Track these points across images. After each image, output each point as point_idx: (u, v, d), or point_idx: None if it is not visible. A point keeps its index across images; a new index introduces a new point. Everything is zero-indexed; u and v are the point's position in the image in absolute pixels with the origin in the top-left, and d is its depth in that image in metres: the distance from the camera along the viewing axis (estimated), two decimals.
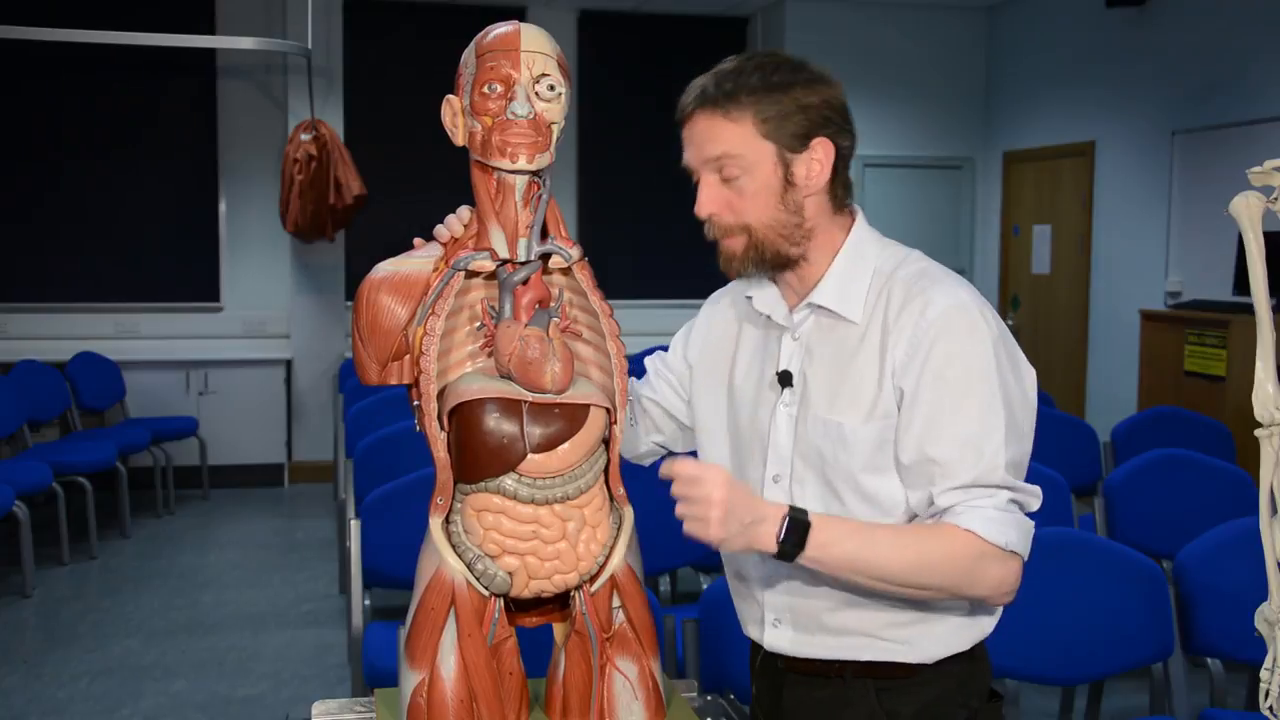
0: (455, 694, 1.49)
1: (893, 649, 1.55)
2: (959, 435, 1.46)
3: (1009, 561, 1.45)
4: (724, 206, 1.55)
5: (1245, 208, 1.33)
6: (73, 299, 7.46)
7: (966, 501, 1.45)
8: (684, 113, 1.56)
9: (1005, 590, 1.48)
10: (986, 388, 1.46)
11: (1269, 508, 1.34)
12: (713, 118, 1.52)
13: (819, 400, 1.55)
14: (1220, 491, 3.67)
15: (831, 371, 1.55)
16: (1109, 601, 2.66)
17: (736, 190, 1.53)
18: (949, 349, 1.47)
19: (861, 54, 7.98)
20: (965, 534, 1.43)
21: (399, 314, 1.51)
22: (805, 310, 1.59)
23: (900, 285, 1.54)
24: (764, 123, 1.50)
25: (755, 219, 1.54)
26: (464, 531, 1.50)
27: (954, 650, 1.56)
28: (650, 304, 7.98)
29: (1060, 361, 7.42)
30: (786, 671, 1.63)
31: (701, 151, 1.54)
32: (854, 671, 1.58)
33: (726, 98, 1.51)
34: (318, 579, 5.51)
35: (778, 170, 1.52)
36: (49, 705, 4.02)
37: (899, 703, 1.57)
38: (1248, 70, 6.00)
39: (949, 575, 1.45)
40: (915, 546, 1.45)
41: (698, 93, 1.54)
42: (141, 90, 7.55)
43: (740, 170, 1.52)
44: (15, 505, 5.01)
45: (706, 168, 1.55)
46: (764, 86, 1.50)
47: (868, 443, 1.51)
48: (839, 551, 1.44)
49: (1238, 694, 3.19)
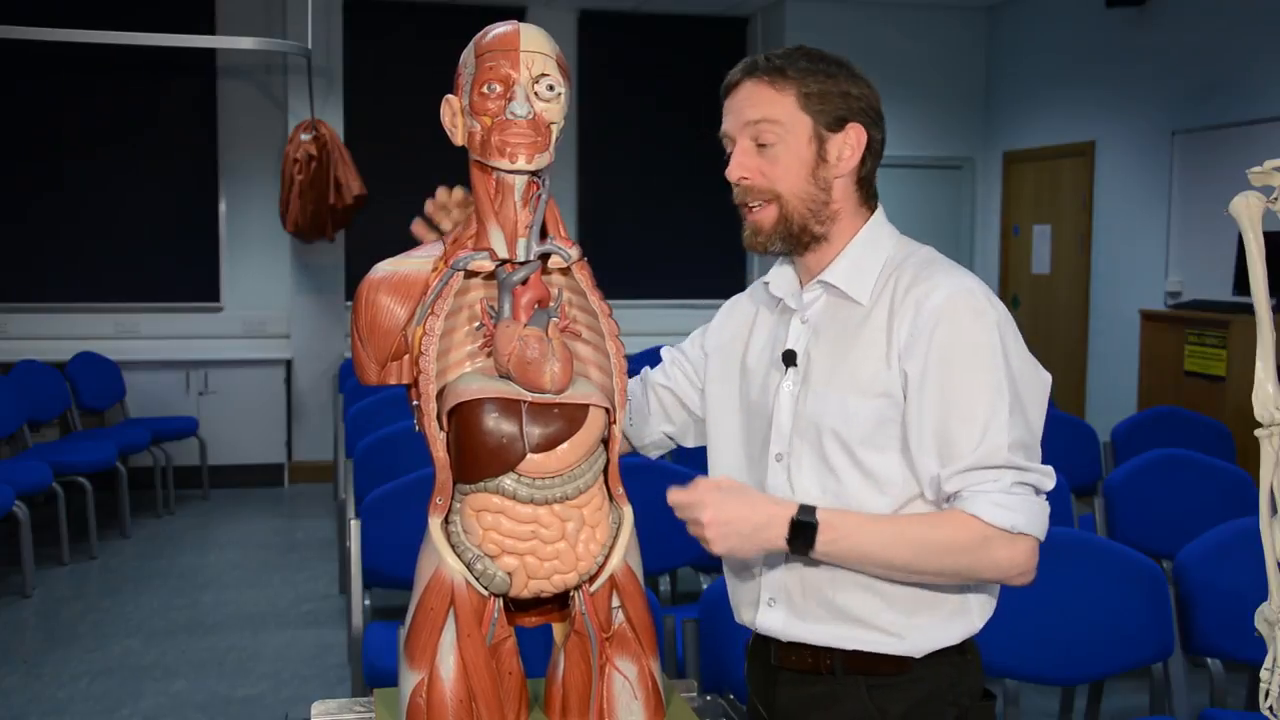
0: (454, 694, 1.49)
1: (882, 640, 1.56)
2: (962, 416, 1.47)
3: (1018, 543, 1.46)
4: (755, 172, 1.58)
5: (1245, 208, 1.33)
6: (73, 299, 7.46)
7: (972, 486, 1.46)
8: (730, 82, 1.61)
9: (1018, 571, 1.48)
10: (989, 370, 1.48)
11: (1269, 508, 1.34)
12: (758, 85, 1.57)
13: (820, 377, 1.58)
14: (1220, 491, 3.67)
15: (834, 350, 1.58)
16: (1109, 601, 2.66)
17: (770, 159, 1.57)
18: (952, 331, 1.49)
19: (861, 54, 7.81)
20: (970, 519, 1.45)
21: (398, 314, 1.51)
22: (816, 289, 1.62)
23: (908, 271, 1.57)
24: (806, 97, 1.56)
25: (786, 188, 1.57)
26: (463, 531, 1.50)
27: (943, 644, 1.57)
28: (650, 304, 7.98)
29: (1060, 361, 7.42)
30: (779, 669, 1.64)
31: (741, 115, 1.58)
32: (844, 668, 1.58)
33: (775, 70, 1.57)
34: (318, 579, 5.51)
35: (812, 144, 1.57)
36: (49, 705, 4.02)
37: (889, 700, 1.57)
38: (1248, 70, 6.00)
39: (956, 561, 1.47)
40: (920, 535, 1.47)
41: (746, 65, 1.60)
42: (141, 90, 7.55)
43: (776, 137, 1.56)
44: (15, 505, 5.01)
45: (744, 133, 1.58)
46: (812, 69, 1.57)
47: (866, 419, 1.53)
48: (847, 545, 1.48)
49: (1238, 694, 3.19)
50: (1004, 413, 1.47)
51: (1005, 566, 1.47)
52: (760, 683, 1.70)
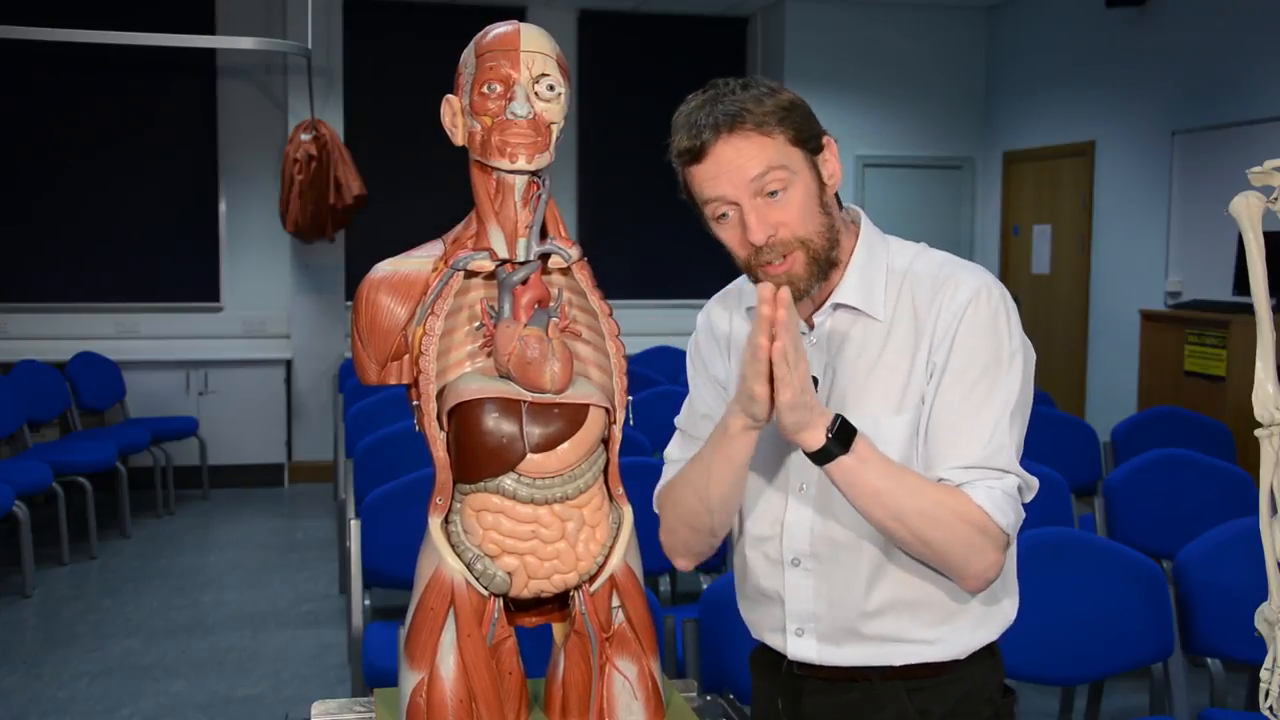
0: (455, 694, 1.49)
1: (923, 650, 1.54)
2: (974, 413, 1.47)
3: (1002, 551, 1.47)
4: (779, 225, 1.48)
5: (1245, 208, 1.33)
6: (73, 299, 7.46)
7: (974, 481, 1.46)
8: (703, 147, 1.47)
9: (990, 577, 1.48)
10: (1003, 373, 1.48)
11: (1269, 508, 1.34)
12: (747, 136, 1.46)
13: (844, 398, 1.54)
14: (1220, 491, 3.67)
15: (858, 369, 1.54)
16: (1109, 601, 2.66)
17: (783, 205, 1.48)
18: (972, 328, 1.48)
19: (861, 54, 7.98)
20: (975, 506, 1.44)
21: (398, 314, 1.51)
22: (828, 310, 1.57)
23: (925, 279, 1.54)
24: (789, 129, 1.48)
25: (806, 230, 1.49)
26: (463, 531, 1.50)
27: (984, 641, 1.56)
28: (650, 304, 7.98)
29: (1060, 361, 7.42)
30: (805, 678, 1.61)
31: (742, 174, 1.46)
32: (882, 675, 1.56)
33: (749, 114, 1.46)
34: (318, 579, 5.51)
35: (813, 174, 1.51)
36: (49, 705, 4.02)
37: (931, 701, 1.56)
38: (1248, 70, 6.00)
39: (952, 536, 1.44)
40: (933, 497, 1.45)
41: (713, 123, 1.46)
42: (141, 90, 7.55)
43: (785, 182, 1.47)
44: (15, 505, 5.01)
45: (747, 190, 1.47)
46: (765, 95, 1.48)
47: (901, 435, 1.51)
48: (871, 472, 1.43)
49: (1238, 694, 3.19)
50: (1008, 415, 1.47)
51: (985, 566, 1.46)
52: (778, 690, 1.65)
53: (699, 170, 1.49)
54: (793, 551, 1.57)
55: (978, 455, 1.46)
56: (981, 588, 1.50)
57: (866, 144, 8.00)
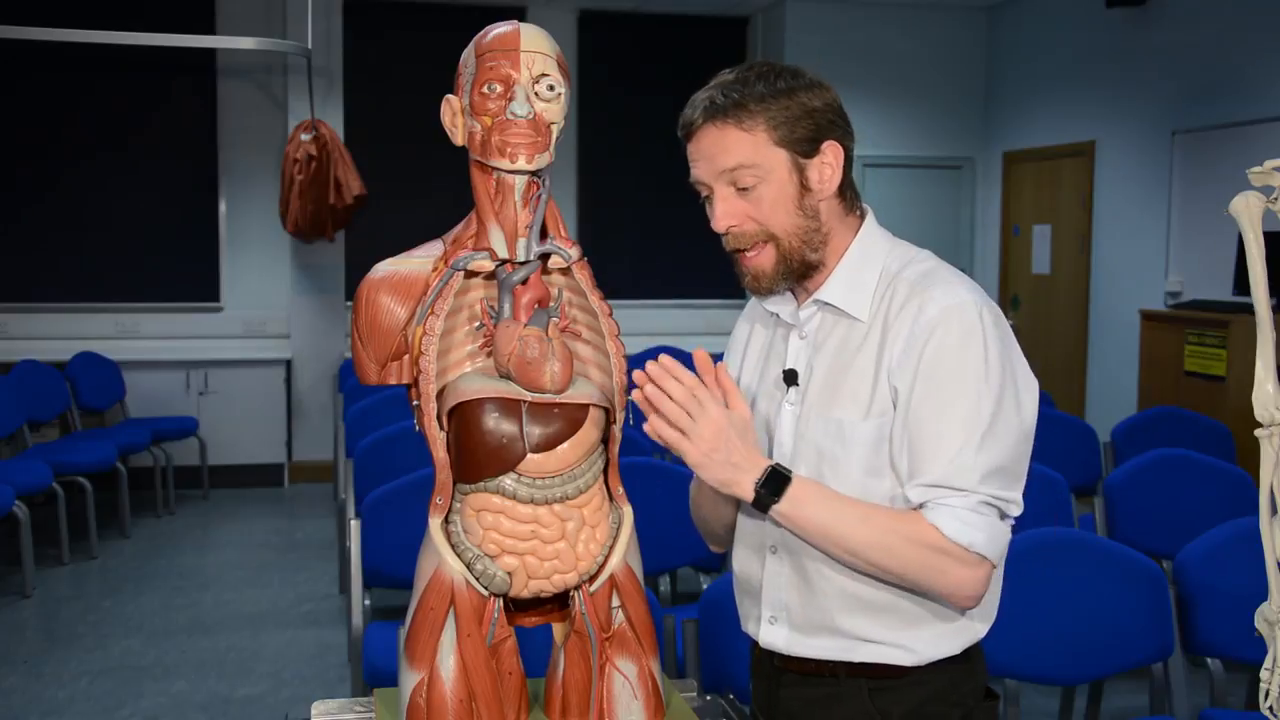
0: (455, 694, 1.49)
1: (887, 651, 1.55)
2: (937, 433, 1.46)
3: (976, 567, 1.46)
4: (744, 218, 1.53)
5: (1245, 208, 1.33)
6: (73, 299, 7.46)
7: (936, 499, 1.46)
8: (691, 127, 1.53)
9: (967, 594, 1.48)
10: (972, 390, 1.46)
11: (1269, 508, 1.34)
12: (724, 129, 1.50)
13: (820, 398, 1.56)
14: (1220, 491, 3.67)
15: (834, 369, 1.56)
16: (1109, 601, 2.66)
17: (753, 200, 1.52)
18: (940, 347, 1.47)
19: (861, 54, 7.98)
20: (929, 526, 1.45)
21: (398, 314, 1.51)
22: (812, 307, 1.60)
23: (904, 284, 1.54)
24: (775, 129, 1.50)
25: (779, 227, 1.53)
26: (463, 531, 1.50)
27: (946, 654, 1.56)
28: (650, 304, 7.98)
29: (1060, 361, 7.42)
30: (783, 670, 1.64)
31: (714, 164, 1.52)
32: (847, 671, 1.58)
33: (736, 107, 1.50)
34: (318, 579, 5.51)
35: (793, 176, 1.52)
36: (49, 705, 4.02)
37: (891, 702, 1.57)
38: (1248, 70, 6.00)
39: (910, 563, 1.46)
40: (882, 526, 1.47)
41: (704, 106, 1.52)
42: (141, 90, 7.55)
43: (756, 179, 1.51)
44: (15, 505, 5.01)
45: (720, 180, 1.53)
46: (770, 93, 1.50)
47: (866, 440, 1.51)
48: (811, 512, 1.47)
49: (1238, 694, 3.19)
50: (978, 435, 1.45)
51: (955, 584, 1.46)
52: (765, 683, 1.70)
53: (689, 148, 1.56)
54: (771, 538, 1.61)
55: (939, 474, 1.46)
56: (971, 604, 1.51)
57: (867, 144, 7.97)
